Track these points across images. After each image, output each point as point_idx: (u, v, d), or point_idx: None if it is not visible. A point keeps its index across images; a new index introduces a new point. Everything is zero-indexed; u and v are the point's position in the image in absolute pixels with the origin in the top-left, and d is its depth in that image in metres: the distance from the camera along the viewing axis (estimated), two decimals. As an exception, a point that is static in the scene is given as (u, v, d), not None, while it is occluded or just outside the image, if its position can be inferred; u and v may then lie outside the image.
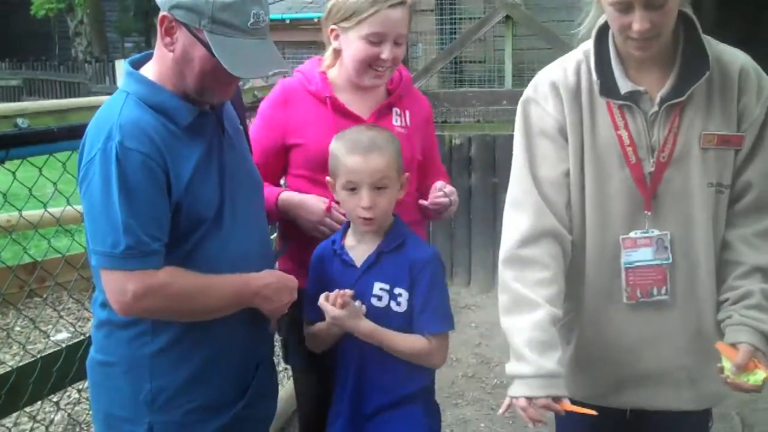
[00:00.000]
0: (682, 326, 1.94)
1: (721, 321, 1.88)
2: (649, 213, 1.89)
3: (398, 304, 2.13)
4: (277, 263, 2.30)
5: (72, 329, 4.55)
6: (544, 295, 1.86)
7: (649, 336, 1.95)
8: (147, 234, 1.79)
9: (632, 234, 1.91)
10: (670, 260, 1.90)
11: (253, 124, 2.44)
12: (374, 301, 2.13)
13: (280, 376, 3.02)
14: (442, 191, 2.36)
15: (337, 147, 2.13)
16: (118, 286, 1.81)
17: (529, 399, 1.80)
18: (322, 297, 2.09)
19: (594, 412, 1.81)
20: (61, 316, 4.24)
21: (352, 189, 2.09)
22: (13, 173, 2.38)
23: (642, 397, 1.99)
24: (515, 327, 1.86)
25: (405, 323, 2.13)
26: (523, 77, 6.57)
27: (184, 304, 1.87)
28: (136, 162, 1.77)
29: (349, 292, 2.07)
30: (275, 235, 2.68)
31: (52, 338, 4.38)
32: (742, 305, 1.84)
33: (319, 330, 2.18)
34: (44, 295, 5.37)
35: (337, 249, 2.18)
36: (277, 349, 4.56)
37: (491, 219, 5.76)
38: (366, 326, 2.09)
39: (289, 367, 4.72)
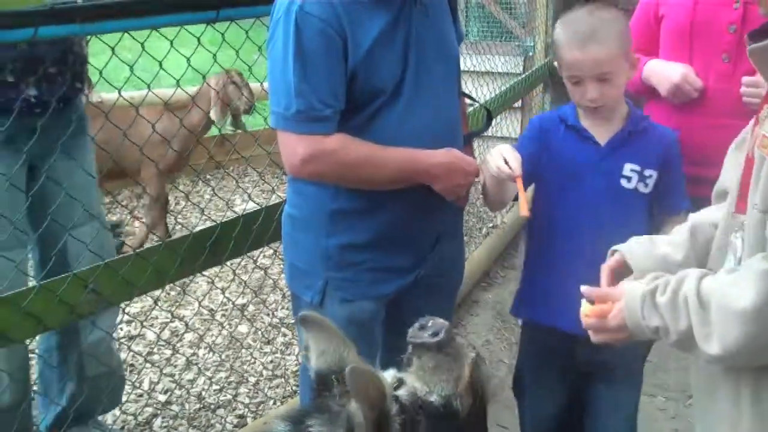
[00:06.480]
0: None
1: None
2: None
3: (646, 185, 2.08)
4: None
5: (260, 201, 4.75)
6: None
7: None
8: (319, 100, 1.81)
9: None
10: None
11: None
12: (623, 182, 2.08)
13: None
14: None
15: (558, 34, 2.04)
16: (289, 147, 1.87)
17: None
18: None
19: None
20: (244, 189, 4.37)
21: (576, 82, 2.01)
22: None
23: None
24: None
25: (647, 204, 2.10)
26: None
27: (351, 172, 1.90)
28: (314, 28, 1.77)
29: None
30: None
31: (238, 207, 4.59)
32: None
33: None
34: (230, 168, 5.62)
35: (573, 123, 2.10)
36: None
37: None
38: None
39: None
